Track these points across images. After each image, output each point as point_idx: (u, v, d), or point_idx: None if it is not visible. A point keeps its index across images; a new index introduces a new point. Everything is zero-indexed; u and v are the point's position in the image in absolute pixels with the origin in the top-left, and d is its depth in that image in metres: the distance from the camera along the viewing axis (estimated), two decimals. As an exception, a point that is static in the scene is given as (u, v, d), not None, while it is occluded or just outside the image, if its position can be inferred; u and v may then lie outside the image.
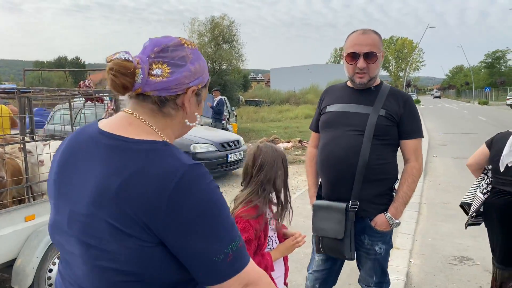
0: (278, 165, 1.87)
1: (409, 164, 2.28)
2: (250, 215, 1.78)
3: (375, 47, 2.17)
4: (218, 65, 35.46)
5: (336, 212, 2.24)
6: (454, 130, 17.83)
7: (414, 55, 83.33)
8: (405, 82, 52.58)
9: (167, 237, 0.95)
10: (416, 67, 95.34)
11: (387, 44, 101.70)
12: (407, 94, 2.33)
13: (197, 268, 0.98)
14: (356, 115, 2.24)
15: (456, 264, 4.28)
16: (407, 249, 4.60)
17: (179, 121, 1.13)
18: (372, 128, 2.17)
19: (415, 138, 2.26)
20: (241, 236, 1.04)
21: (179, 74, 1.05)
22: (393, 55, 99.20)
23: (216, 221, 0.98)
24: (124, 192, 0.95)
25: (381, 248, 2.31)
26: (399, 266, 4.10)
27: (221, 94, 13.40)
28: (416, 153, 2.28)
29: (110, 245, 0.96)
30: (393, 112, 2.21)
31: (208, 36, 36.63)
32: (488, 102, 50.08)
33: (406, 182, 2.24)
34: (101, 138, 1.04)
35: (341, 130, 2.25)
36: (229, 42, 37.11)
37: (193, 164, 1.00)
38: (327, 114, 2.35)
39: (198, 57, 1.12)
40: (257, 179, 1.84)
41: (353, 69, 2.22)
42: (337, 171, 2.24)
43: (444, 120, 24.32)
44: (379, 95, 2.25)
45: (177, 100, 1.09)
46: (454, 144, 13.32)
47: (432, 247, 4.75)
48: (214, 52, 35.31)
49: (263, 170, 1.85)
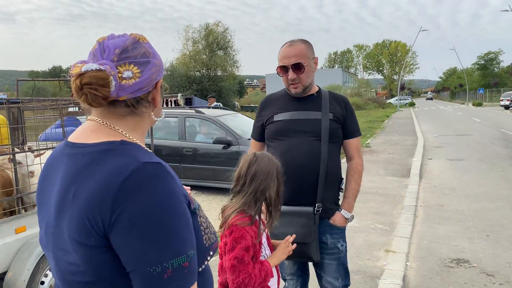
0: (272, 176, 1.84)
1: (354, 161, 2.43)
2: (245, 222, 1.76)
3: (302, 57, 2.25)
4: (213, 72, 35.56)
5: (301, 217, 2.29)
6: (449, 132, 17.88)
7: (407, 58, 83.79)
8: (399, 85, 52.74)
9: (112, 237, 0.90)
10: (410, 70, 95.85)
11: (380, 48, 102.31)
12: (344, 97, 2.47)
13: (133, 277, 0.91)
14: (309, 121, 2.32)
15: (453, 267, 4.26)
16: (403, 253, 4.58)
17: (148, 117, 1.11)
18: (327, 132, 2.28)
19: (356, 136, 2.42)
20: (193, 258, 0.95)
21: (149, 72, 1.03)
22: (386, 58, 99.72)
23: (161, 228, 0.89)
24: (77, 198, 0.92)
25: (343, 245, 2.40)
26: (396, 270, 4.08)
27: (216, 100, 13.41)
28: (358, 150, 2.44)
29: (71, 257, 0.94)
30: (339, 115, 2.34)
31: (202, 43, 36.77)
32: (482, 103, 50.35)
33: (353, 178, 2.39)
34: (65, 149, 1.04)
35: (298, 137, 2.30)
36: (224, 49, 37.26)
37: (149, 162, 0.95)
38: (277, 124, 2.39)
39: (154, 49, 1.10)
40: (251, 189, 1.82)
41: (286, 80, 2.32)
42: (299, 177, 2.27)
43: (439, 122, 24.41)
44: (323, 100, 2.36)
45: (149, 97, 1.08)
46: (449, 146, 13.35)
47: (428, 250, 4.74)
48: (209, 58, 35.43)
49: (257, 180, 1.81)
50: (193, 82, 33.01)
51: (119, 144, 0.98)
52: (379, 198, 6.86)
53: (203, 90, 29.17)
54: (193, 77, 33.96)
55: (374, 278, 3.88)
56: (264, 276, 1.78)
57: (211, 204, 6.90)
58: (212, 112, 8.52)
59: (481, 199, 6.80)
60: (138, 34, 1.07)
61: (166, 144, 7.88)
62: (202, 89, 30.93)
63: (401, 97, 57.14)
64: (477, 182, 8.04)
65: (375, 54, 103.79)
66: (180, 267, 0.90)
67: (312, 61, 2.31)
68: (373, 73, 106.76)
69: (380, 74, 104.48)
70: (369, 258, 4.44)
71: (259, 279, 1.75)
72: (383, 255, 4.52)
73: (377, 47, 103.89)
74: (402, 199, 6.83)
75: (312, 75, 2.34)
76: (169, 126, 8.19)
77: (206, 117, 7.91)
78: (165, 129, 8.21)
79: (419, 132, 17.79)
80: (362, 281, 3.83)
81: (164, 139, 7.95)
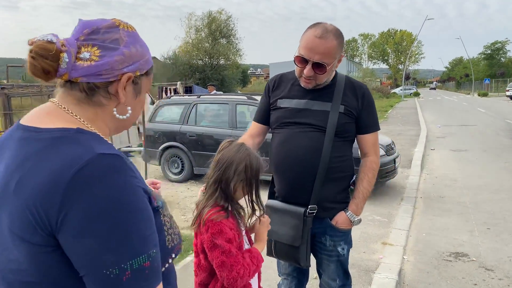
0: (236, 168, 1.64)
1: (368, 158, 2.17)
2: (220, 216, 1.63)
3: (329, 57, 1.92)
4: (216, 60, 35.30)
5: (293, 217, 2.09)
6: (453, 122, 17.65)
7: (413, 48, 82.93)
8: (404, 75, 52.25)
9: (61, 237, 0.81)
10: (415, 60, 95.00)
11: (385, 37, 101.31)
12: (364, 86, 2.15)
13: (88, 281, 0.83)
14: (315, 113, 2.07)
15: (451, 261, 4.14)
16: (400, 245, 4.47)
17: (109, 112, 1.00)
18: (334, 128, 2.03)
19: (373, 131, 2.15)
20: (155, 257, 0.87)
21: (110, 58, 0.94)
22: (392, 48, 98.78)
23: (118, 226, 0.81)
24: (22, 188, 0.82)
25: (344, 249, 2.19)
26: (392, 263, 3.96)
27: (218, 89, 13.27)
28: (374, 146, 2.17)
29: (12, 253, 0.84)
30: (352, 108, 2.07)
31: (205, 31, 36.46)
32: (488, 93, 49.85)
33: (366, 177, 2.14)
34: (16, 132, 0.94)
35: (300, 129, 2.08)
36: (227, 37, 36.95)
37: (105, 153, 0.85)
38: (281, 111, 2.16)
39: (135, 40, 1.00)
40: (213, 178, 1.68)
41: (300, 72, 2.03)
42: (296, 172, 2.07)
43: (443, 112, 24.14)
44: (336, 89, 2.08)
45: (109, 88, 0.97)
46: (452, 137, 13.16)
47: (426, 243, 4.62)
48: (212, 47, 35.14)
49: (219, 168, 1.67)
50: (196, 70, 32.79)
51: (74, 132, 0.90)
52: (379, 189, 6.73)
53: (205, 79, 28.96)
54: (196, 65, 33.72)
55: (368, 272, 3.77)
56: (257, 262, 1.68)
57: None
58: None
59: (483, 191, 6.66)
60: (123, 21, 1.01)
61: (215, 132, 7.25)
62: (204, 77, 30.72)
63: (406, 87, 56.70)
64: (479, 174, 7.88)
65: (380, 43, 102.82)
66: (140, 267, 0.83)
67: (337, 60, 2.00)
68: (378, 62, 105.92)
69: (385, 64, 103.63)
70: (365, 251, 4.33)
71: (253, 267, 1.65)
72: (379, 248, 4.41)
73: (382, 36, 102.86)
74: (403, 190, 6.71)
75: (331, 74, 2.07)
76: (218, 114, 7.57)
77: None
78: (213, 116, 7.62)
79: (423, 122, 17.57)
80: (357, 275, 3.72)
81: (213, 127, 7.37)
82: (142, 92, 1.06)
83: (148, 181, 1.41)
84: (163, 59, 34.12)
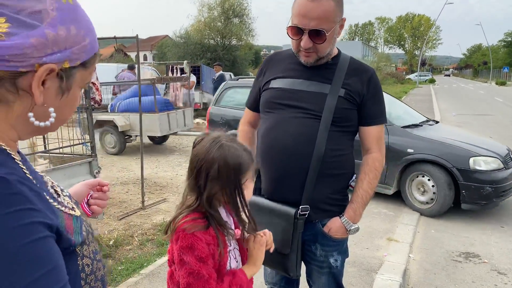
0: (209, 173, 1.30)
1: (371, 155, 1.82)
2: (196, 226, 1.30)
3: (327, 21, 1.63)
4: (228, 40, 34.75)
5: (281, 219, 1.77)
6: (468, 111, 17.09)
7: (430, 33, 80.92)
8: (420, 60, 51.09)
9: None
10: (432, 46, 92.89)
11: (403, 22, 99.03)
12: (371, 69, 1.84)
13: None
14: (310, 95, 1.74)
15: (461, 261, 3.86)
16: (407, 242, 4.19)
17: (20, 114, 0.73)
18: (331, 114, 1.70)
19: (378, 124, 1.82)
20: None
21: (24, 40, 0.67)
22: (409, 33, 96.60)
23: None
24: None
25: (337, 260, 1.86)
26: (397, 262, 3.69)
27: (229, 70, 12.90)
28: (379, 142, 1.82)
29: None
30: (354, 92, 1.73)
31: (218, 10, 35.82)
32: (506, 82, 48.53)
33: (367, 178, 1.80)
34: None
35: (290, 113, 1.75)
36: (240, 16, 36.26)
37: None
38: (271, 91, 1.84)
39: (70, 17, 0.73)
40: (191, 179, 1.35)
41: (297, 45, 1.71)
42: (283, 164, 1.76)
43: (458, 100, 23.47)
44: (338, 69, 1.75)
45: (18, 81, 0.70)
46: (467, 126, 12.68)
47: (435, 241, 4.33)
48: (224, 26, 34.56)
49: (191, 171, 1.34)
50: (207, 50, 32.31)
51: None
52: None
53: (216, 59, 28.40)
54: (207, 45, 33.22)
55: (370, 272, 3.51)
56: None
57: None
58: None
59: (498, 186, 6.30)
60: None
61: None
62: (215, 57, 30.21)
63: (421, 73, 55.52)
64: (494, 167, 7.50)
65: (397, 27, 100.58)
66: None
67: (338, 25, 1.70)
68: (394, 47, 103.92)
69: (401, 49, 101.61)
70: (369, 247, 4.06)
71: None
72: (384, 244, 4.14)
73: (400, 20, 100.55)
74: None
75: (334, 41, 1.75)
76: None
77: None
78: None
79: (437, 110, 17.03)
80: (357, 274, 3.46)
81: None
82: (74, 88, 0.79)
83: (91, 182, 1.15)
84: (174, 37, 33.67)
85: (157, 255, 3.67)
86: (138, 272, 3.36)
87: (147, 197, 5.34)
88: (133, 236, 4.11)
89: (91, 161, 3.88)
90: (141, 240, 4.01)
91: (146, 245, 3.92)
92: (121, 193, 5.66)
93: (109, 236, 4.05)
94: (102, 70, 11.97)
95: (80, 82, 0.80)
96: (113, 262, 3.54)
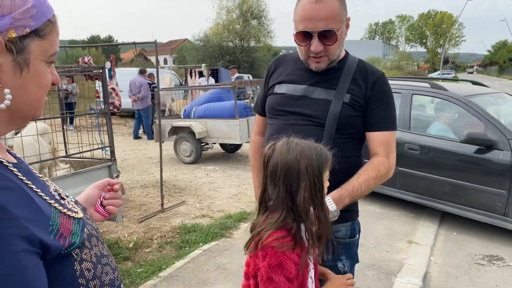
0: (300, 172, 1.25)
1: (377, 158, 1.68)
2: (285, 245, 1.25)
3: (335, 21, 1.58)
4: (247, 42, 34.88)
5: None
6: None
7: (453, 30, 79.26)
8: (443, 58, 50.09)
9: None
10: (455, 43, 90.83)
11: (425, 19, 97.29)
12: (379, 72, 1.74)
13: None
14: (314, 102, 1.69)
15: (484, 265, 3.76)
16: (428, 245, 4.11)
17: None
18: (335, 121, 1.65)
19: (385, 130, 1.70)
20: None
21: None
22: (431, 30, 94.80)
23: None
24: None
25: (345, 265, 1.79)
26: (417, 265, 3.63)
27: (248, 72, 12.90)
28: (387, 148, 1.68)
29: None
30: (359, 97, 1.66)
31: (236, 12, 35.98)
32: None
33: (366, 174, 1.65)
34: None
35: (294, 120, 1.72)
36: (258, 18, 36.34)
37: None
38: (275, 97, 1.80)
39: None
40: (276, 191, 1.28)
41: (306, 51, 1.65)
42: None
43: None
44: (344, 73, 1.68)
45: None
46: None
47: (457, 243, 4.23)
48: (243, 28, 34.70)
49: (279, 178, 1.28)
50: (226, 53, 32.50)
51: None
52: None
53: (235, 61, 28.53)
54: (226, 47, 33.41)
55: (389, 275, 3.45)
56: None
57: (226, 181, 6.60)
58: (463, 88, 5.42)
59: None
60: None
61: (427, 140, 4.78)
62: (234, 60, 30.34)
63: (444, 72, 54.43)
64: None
65: (419, 25, 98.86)
66: None
67: (345, 24, 1.65)
68: (415, 45, 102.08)
69: (423, 47, 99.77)
70: (388, 249, 4.00)
71: None
72: (404, 247, 4.07)
73: (421, 17, 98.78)
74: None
75: (343, 42, 1.70)
76: (434, 112, 5.35)
77: (450, 96, 4.75)
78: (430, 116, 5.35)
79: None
80: (376, 277, 3.41)
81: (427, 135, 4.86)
82: (34, 62, 0.72)
83: (100, 183, 1.14)
84: (194, 41, 33.98)
85: (175, 258, 3.70)
86: (156, 274, 3.40)
87: (166, 199, 5.40)
88: (152, 238, 4.17)
89: (110, 165, 3.94)
90: (160, 242, 4.06)
91: (165, 247, 3.96)
92: (140, 196, 5.74)
93: (129, 239, 4.11)
94: (123, 74, 12.18)
95: (41, 55, 0.73)
96: (132, 264, 3.60)
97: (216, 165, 7.64)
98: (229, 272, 3.46)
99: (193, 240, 4.05)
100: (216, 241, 4.08)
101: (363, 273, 3.43)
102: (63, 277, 0.68)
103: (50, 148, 3.94)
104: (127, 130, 12.73)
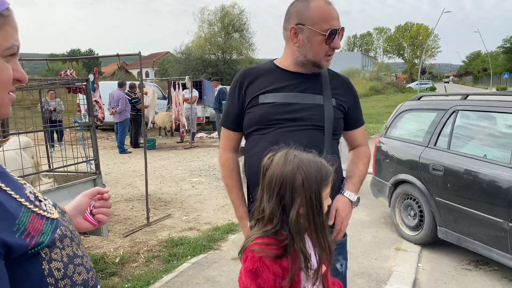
0: (295, 185, 1.21)
1: (362, 147, 1.96)
2: (266, 252, 1.19)
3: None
4: (229, 55, 35.06)
5: None
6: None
7: (429, 42, 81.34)
8: (420, 69, 51.26)
9: None
10: (431, 54, 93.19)
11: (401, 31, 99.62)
12: (346, 77, 1.97)
13: None
14: (308, 107, 1.73)
15: (471, 270, 3.80)
16: (415, 252, 4.15)
17: None
18: (331, 123, 1.75)
19: (362, 125, 1.98)
20: None
21: None
22: (408, 42, 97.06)
23: None
24: None
25: (342, 265, 1.84)
26: (406, 272, 3.65)
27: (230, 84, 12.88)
28: (365, 137, 1.99)
29: None
30: (342, 101, 1.82)
31: (218, 25, 36.19)
32: (507, 88, 48.54)
33: (362, 162, 1.91)
34: None
35: (295, 126, 1.73)
36: (239, 31, 36.62)
37: None
38: (264, 107, 1.76)
39: None
40: (271, 204, 1.24)
41: (324, 51, 1.71)
42: None
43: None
44: (323, 79, 1.80)
45: None
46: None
47: (443, 249, 4.28)
48: (225, 41, 34.90)
49: (273, 190, 1.24)
50: (208, 65, 32.60)
51: None
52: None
53: (218, 74, 28.66)
54: (208, 60, 33.53)
55: (379, 283, 3.46)
56: None
57: (212, 193, 6.55)
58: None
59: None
60: None
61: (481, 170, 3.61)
62: (217, 72, 30.46)
63: (421, 82, 55.63)
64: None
65: (396, 37, 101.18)
66: None
67: None
68: (393, 56, 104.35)
69: (400, 58, 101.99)
70: (377, 257, 4.02)
71: None
72: (392, 254, 4.09)
73: (398, 29, 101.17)
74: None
75: None
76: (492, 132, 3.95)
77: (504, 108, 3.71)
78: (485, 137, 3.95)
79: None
80: (366, 285, 3.42)
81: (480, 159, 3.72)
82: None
83: (90, 192, 1.11)
84: (175, 53, 33.99)
85: (163, 272, 3.64)
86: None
87: (152, 213, 5.32)
88: (139, 253, 4.09)
89: (95, 178, 3.87)
90: (147, 257, 3.98)
91: (153, 262, 3.89)
92: (125, 210, 5.65)
93: (115, 254, 4.03)
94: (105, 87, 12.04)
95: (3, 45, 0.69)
96: (119, 279, 3.52)
97: (201, 177, 7.58)
98: (219, 285, 3.41)
99: (181, 253, 3.99)
100: (204, 254, 4.03)
101: (353, 281, 3.44)
102: (30, 276, 0.66)
103: (33, 162, 3.85)
104: (109, 143, 12.56)
